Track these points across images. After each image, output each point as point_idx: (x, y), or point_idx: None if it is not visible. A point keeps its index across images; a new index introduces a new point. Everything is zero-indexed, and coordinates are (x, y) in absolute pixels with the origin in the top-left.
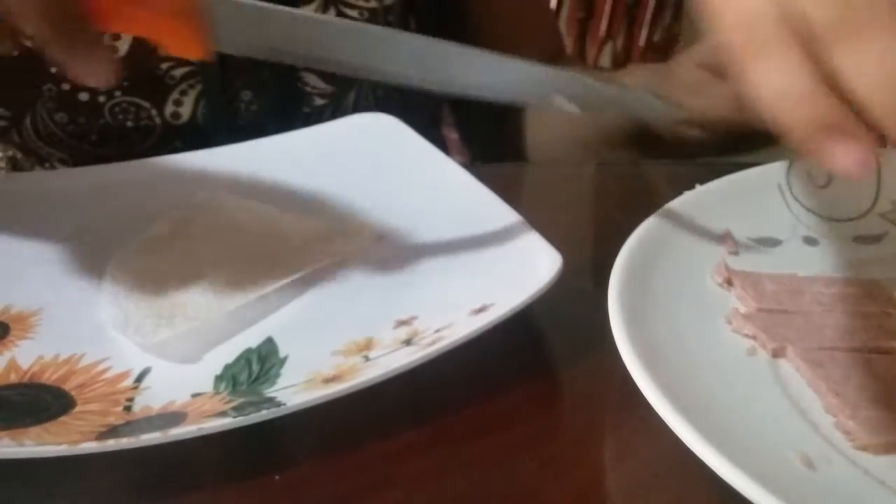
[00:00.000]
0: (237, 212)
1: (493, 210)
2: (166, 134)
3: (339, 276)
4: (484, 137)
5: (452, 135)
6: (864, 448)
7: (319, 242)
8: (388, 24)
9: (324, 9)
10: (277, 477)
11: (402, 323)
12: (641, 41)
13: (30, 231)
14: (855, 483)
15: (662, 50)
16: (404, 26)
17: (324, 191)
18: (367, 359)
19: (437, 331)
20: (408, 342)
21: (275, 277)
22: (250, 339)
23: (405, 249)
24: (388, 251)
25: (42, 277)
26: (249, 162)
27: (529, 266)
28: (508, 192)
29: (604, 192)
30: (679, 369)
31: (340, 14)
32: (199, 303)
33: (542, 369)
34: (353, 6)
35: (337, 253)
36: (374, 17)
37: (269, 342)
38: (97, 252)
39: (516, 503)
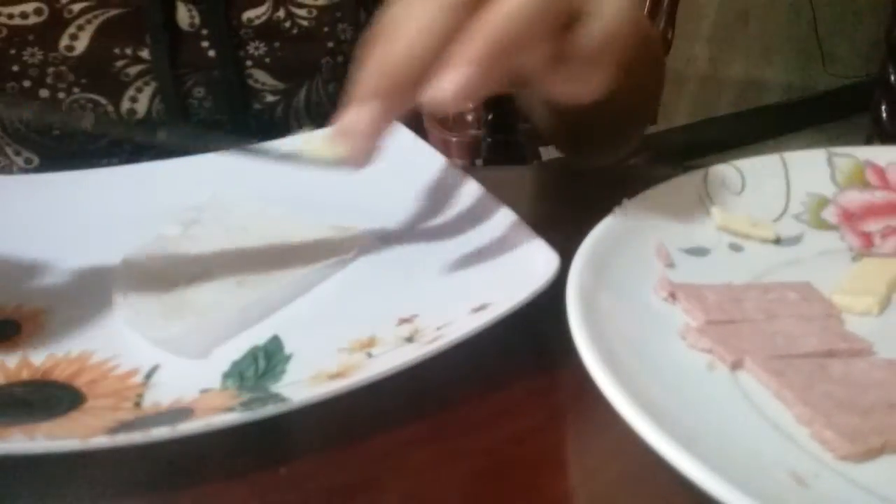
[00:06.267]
0: (243, 213)
1: (491, 211)
2: None
3: (343, 275)
4: None
5: (453, 138)
6: (845, 457)
7: (323, 242)
8: (337, 20)
9: (274, 8)
10: (283, 470)
11: (404, 321)
12: None
13: (42, 231)
14: (847, 495)
15: None
16: (355, 21)
17: (327, 192)
18: (370, 356)
19: (438, 329)
20: (409, 340)
21: (280, 276)
22: (257, 336)
23: (406, 249)
24: (389, 251)
25: (53, 276)
26: (254, 164)
27: (527, 266)
28: (507, 193)
29: (602, 192)
30: (651, 394)
31: (289, 14)
32: (207, 300)
33: (539, 366)
34: (302, 5)
35: (340, 253)
36: (322, 13)
37: (275, 340)
38: (108, 251)
39: (515, 497)
